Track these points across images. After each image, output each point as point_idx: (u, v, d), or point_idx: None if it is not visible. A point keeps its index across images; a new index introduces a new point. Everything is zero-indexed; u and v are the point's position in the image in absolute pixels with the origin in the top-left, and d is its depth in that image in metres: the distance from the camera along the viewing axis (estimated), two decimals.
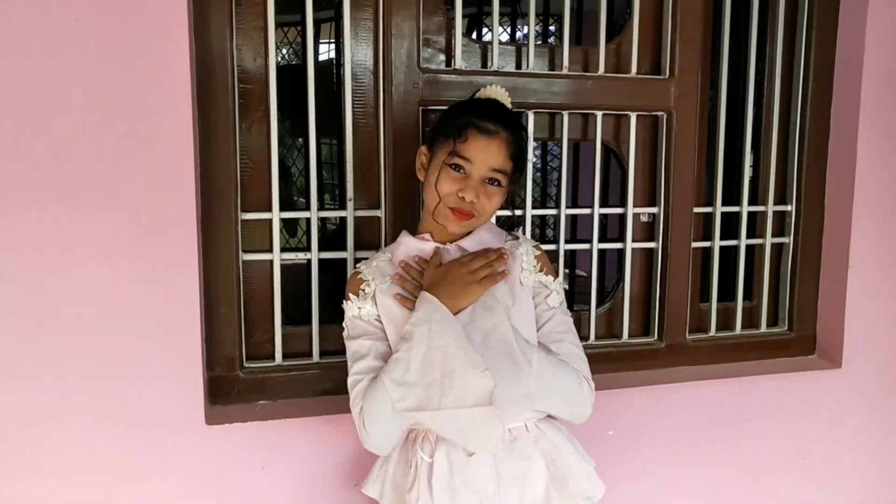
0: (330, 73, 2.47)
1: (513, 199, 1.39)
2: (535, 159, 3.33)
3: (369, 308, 1.27)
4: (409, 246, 1.32)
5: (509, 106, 1.33)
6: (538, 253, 1.32)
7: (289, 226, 2.61)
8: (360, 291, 1.28)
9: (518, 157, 1.27)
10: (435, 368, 1.17)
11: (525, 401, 1.22)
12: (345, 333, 1.30)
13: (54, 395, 1.36)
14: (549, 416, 1.31)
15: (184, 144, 1.37)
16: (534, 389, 1.21)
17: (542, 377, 1.22)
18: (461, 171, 1.23)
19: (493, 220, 1.37)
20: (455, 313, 1.20)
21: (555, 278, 1.32)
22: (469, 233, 1.31)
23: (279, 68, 1.52)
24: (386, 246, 1.43)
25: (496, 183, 1.24)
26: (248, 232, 1.56)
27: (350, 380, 1.25)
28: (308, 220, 1.60)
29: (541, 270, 1.31)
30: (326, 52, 3.03)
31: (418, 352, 1.17)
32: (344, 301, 1.30)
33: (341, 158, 1.62)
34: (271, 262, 1.56)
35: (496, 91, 1.35)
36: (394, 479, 1.30)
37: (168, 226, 1.37)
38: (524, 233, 1.66)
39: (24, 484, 1.37)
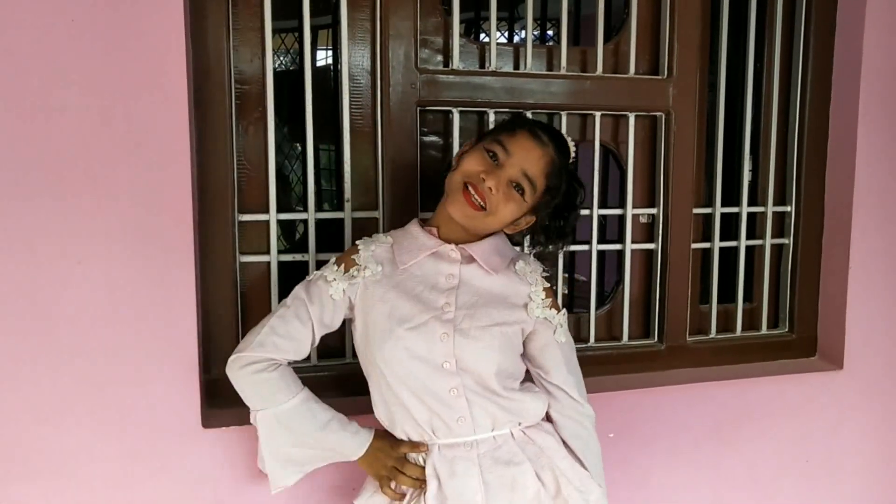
0: (328, 79, 2.46)
1: (544, 238, 1.31)
2: None
3: (341, 289, 1.24)
4: (414, 238, 1.27)
5: (571, 153, 1.28)
6: (547, 286, 1.30)
7: (287, 236, 2.59)
8: (349, 270, 1.25)
9: (552, 185, 1.22)
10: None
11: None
12: (307, 279, 1.28)
13: (50, 397, 1.35)
14: (540, 421, 1.31)
15: (180, 145, 1.36)
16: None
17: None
18: (495, 159, 1.19)
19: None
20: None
21: (558, 311, 1.30)
22: (481, 239, 1.26)
23: (277, 74, 1.52)
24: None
25: (521, 190, 1.19)
26: (246, 234, 1.54)
27: (269, 320, 1.23)
28: (305, 226, 1.59)
29: (548, 307, 1.28)
30: (324, 58, 3.03)
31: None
32: (332, 260, 1.29)
33: (339, 161, 1.61)
34: (269, 263, 1.55)
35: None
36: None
37: (164, 227, 1.36)
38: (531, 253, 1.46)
39: (20, 487, 1.36)
